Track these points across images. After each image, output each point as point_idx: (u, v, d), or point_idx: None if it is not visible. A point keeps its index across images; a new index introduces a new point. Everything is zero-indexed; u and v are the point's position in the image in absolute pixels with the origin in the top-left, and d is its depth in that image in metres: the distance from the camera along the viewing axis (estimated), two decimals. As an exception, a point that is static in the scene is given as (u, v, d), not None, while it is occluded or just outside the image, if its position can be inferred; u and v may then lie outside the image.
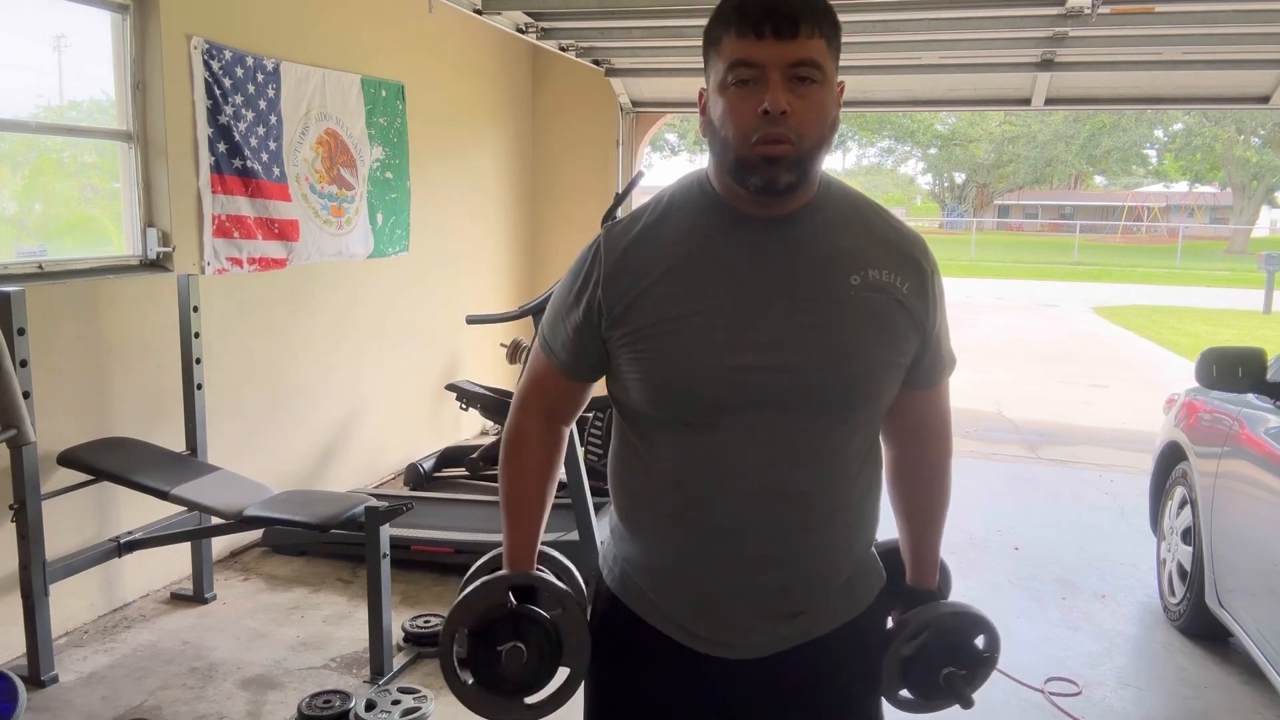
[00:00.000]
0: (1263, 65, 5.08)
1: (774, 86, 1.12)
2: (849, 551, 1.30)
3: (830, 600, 1.29)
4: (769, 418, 1.18)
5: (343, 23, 4.58)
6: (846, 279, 1.20)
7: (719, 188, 1.24)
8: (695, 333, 1.19)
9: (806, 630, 1.28)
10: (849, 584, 1.31)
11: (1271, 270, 15.88)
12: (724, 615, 1.26)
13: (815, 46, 1.13)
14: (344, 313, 4.73)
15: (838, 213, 1.25)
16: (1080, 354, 11.32)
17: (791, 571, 1.25)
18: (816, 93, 1.14)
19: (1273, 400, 3.03)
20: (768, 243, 1.21)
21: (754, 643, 1.27)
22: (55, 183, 3.76)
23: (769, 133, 1.12)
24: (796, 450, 1.20)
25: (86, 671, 3.07)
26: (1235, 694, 3.07)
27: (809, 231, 1.22)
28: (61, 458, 3.13)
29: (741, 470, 1.20)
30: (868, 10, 4.44)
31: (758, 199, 1.19)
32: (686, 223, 1.24)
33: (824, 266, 1.21)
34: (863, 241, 1.24)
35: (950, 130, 33.81)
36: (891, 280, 1.22)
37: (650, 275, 1.21)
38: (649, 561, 1.30)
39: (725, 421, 1.19)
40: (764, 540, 1.22)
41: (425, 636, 3.23)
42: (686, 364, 1.19)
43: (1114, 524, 4.79)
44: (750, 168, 1.15)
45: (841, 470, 1.24)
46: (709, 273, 1.20)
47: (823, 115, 1.16)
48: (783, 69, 1.12)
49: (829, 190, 1.26)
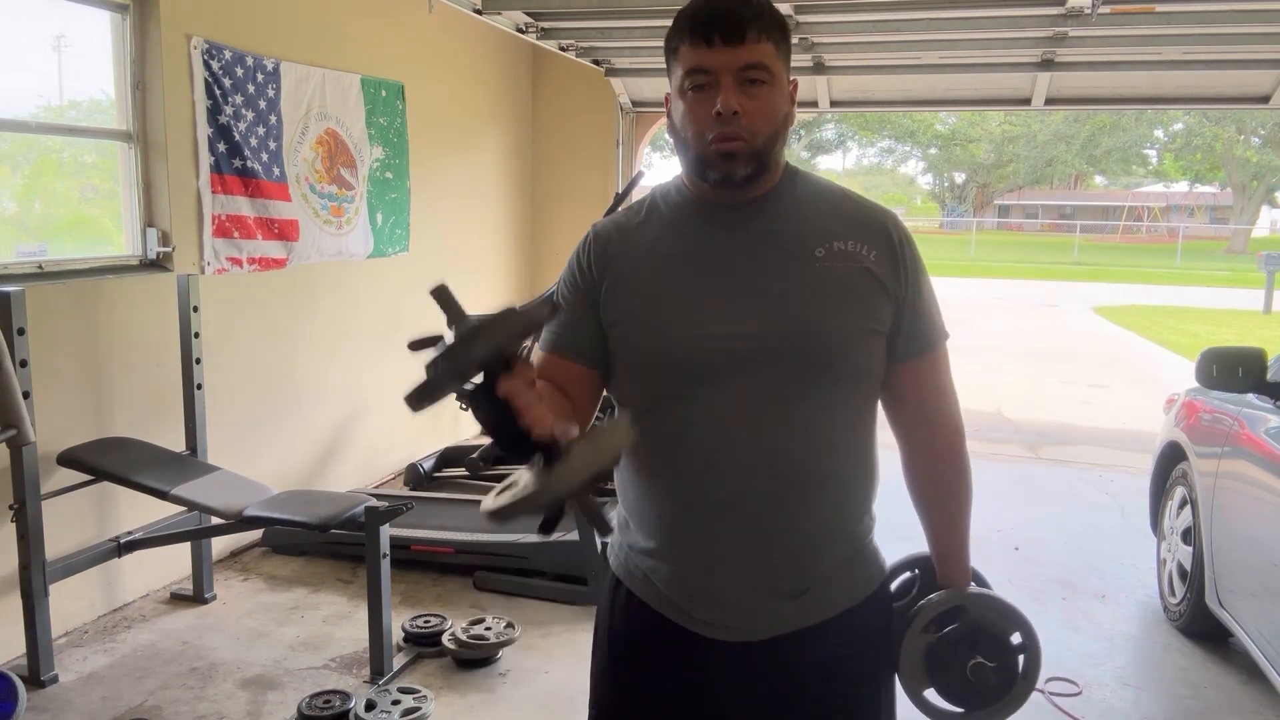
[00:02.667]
0: (1263, 65, 5.09)
1: (725, 89, 1.21)
2: (840, 527, 1.31)
3: (825, 580, 1.30)
4: (747, 385, 1.23)
5: (343, 23, 4.58)
6: (812, 251, 1.27)
7: (689, 185, 1.33)
8: (672, 308, 1.27)
9: (804, 612, 1.29)
10: (846, 566, 1.32)
11: (1271, 270, 15.87)
12: (719, 594, 1.28)
13: (763, 50, 1.22)
14: (344, 313, 4.73)
15: (803, 196, 1.33)
16: (1080, 354, 11.31)
17: (782, 545, 1.27)
18: (766, 93, 1.23)
19: (1273, 400, 3.02)
20: (737, 227, 1.29)
21: (753, 624, 1.28)
22: (55, 183, 3.76)
23: (723, 131, 1.22)
24: (777, 419, 1.24)
25: (86, 671, 3.07)
26: (1235, 694, 3.07)
27: (776, 214, 1.30)
28: (61, 458, 3.13)
29: (726, 442, 1.24)
30: (868, 10, 4.44)
31: (720, 191, 1.27)
32: (666, 216, 1.34)
33: (792, 243, 1.28)
34: (828, 218, 1.31)
35: (950, 130, 33.79)
36: (857, 249, 1.28)
37: (631, 259, 1.32)
38: (648, 543, 1.33)
39: (706, 393, 1.24)
40: (751, 512, 1.25)
41: (425, 636, 3.23)
42: (665, 336, 1.27)
43: (1114, 524, 4.78)
44: (709, 164, 1.24)
45: (827, 440, 1.27)
46: (684, 256, 1.30)
47: (772, 113, 1.25)
48: (733, 73, 1.21)
49: (794, 178, 1.34)
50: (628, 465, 1.34)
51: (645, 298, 1.29)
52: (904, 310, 1.31)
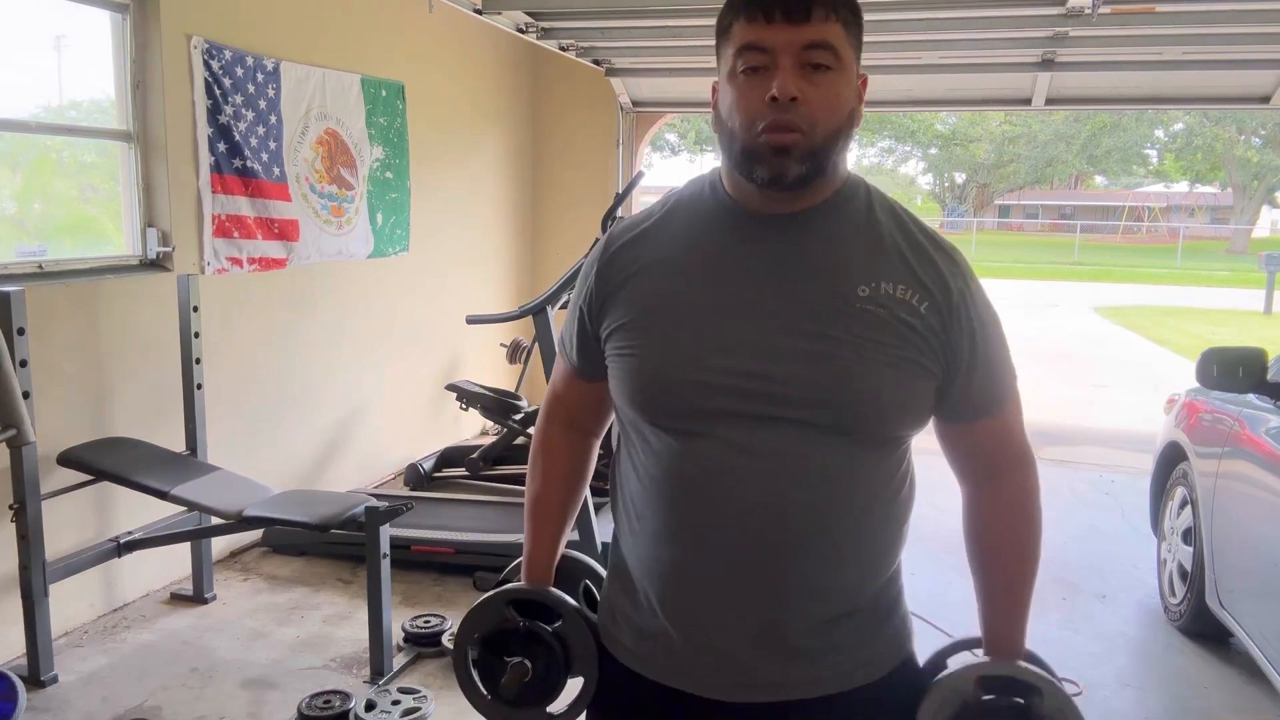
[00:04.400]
0: (1263, 65, 5.08)
1: (783, 71, 1.04)
2: (859, 592, 1.15)
3: (838, 648, 1.14)
4: (759, 430, 1.08)
5: (343, 23, 4.58)
6: (855, 288, 1.09)
7: (728, 185, 1.16)
8: (677, 324, 1.11)
9: (814, 681, 1.14)
10: (865, 635, 1.16)
11: (1272, 270, 15.87)
12: (717, 646, 1.14)
13: (830, 30, 1.05)
14: (344, 313, 4.73)
15: (860, 216, 1.14)
16: (1081, 354, 11.31)
17: (788, 603, 1.12)
18: (831, 80, 1.06)
19: (1273, 400, 3.02)
20: (773, 241, 1.11)
21: (753, 683, 1.14)
22: (55, 182, 3.76)
23: (777, 120, 1.04)
24: (794, 469, 1.08)
25: (86, 671, 3.07)
26: (1236, 694, 3.07)
27: (822, 233, 1.12)
28: (61, 458, 3.12)
29: (731, 489, 1.09)
30: (868, 10, 4.41)
31: (766, 193, 1.10)
32: (689, 219, 1.17)
33: (832, 272, 1.10)
34: (881, 251, 1.11)
35: (950, 130, 33.76)
36: (906, 297, 1.09)
37: (638, 265, 1.16)
38: (640, 585, 1.19)
39: (710, 429, 1.09)
40: (756, 565, 1.10)
41: (425, 637, 3.23)
42: (665, 356, 1.11)
43: (1114, 524, 4.78)
44: (757, 158, 1.06)
45: (847, 497, 1.11)
46: (702, 266, 1.13)
47: (837, 104, 1.07)
48: (794, 54, 1.04)
49: (855, 191, 1.15)
50: (624, 498, 1.22)
51: (647, 308, 1.13)
52: (961, 372, 1.13)
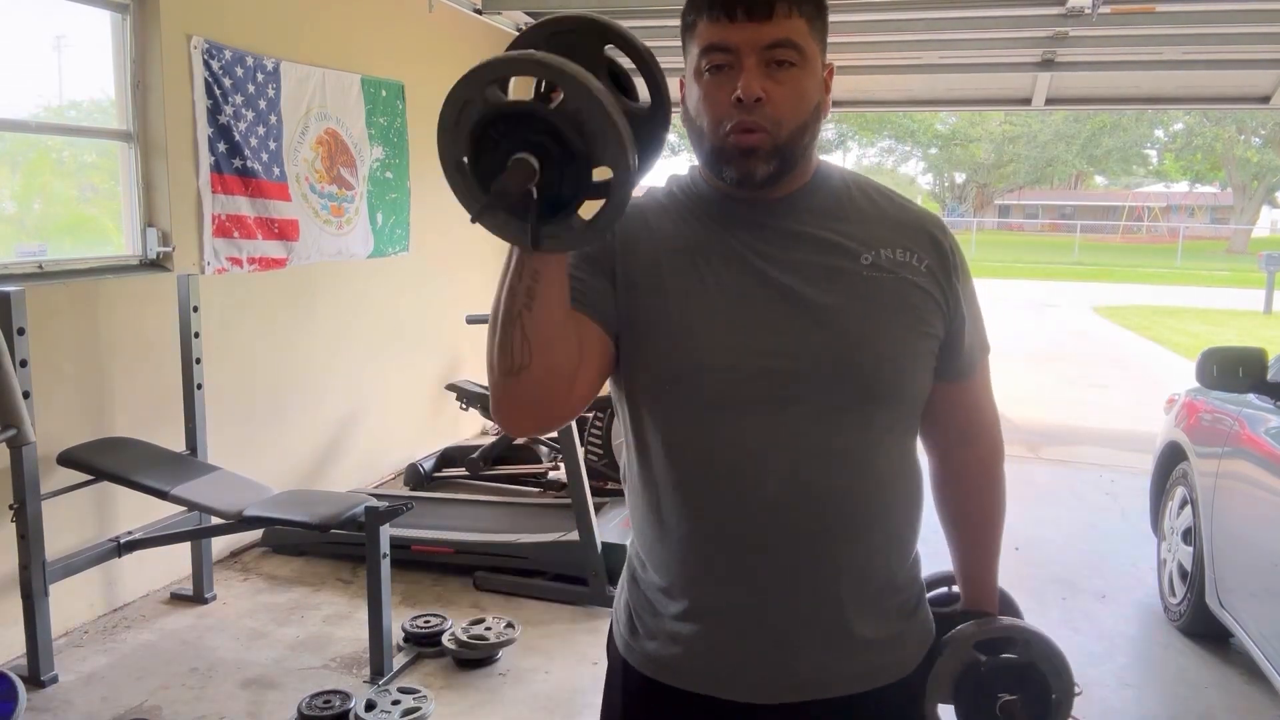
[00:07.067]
0: (1263, 65, 5.09)
1: (747, 71, 1.04)
2: (889, 570, 1.17)
3: (869, 640, 1.15)
4: (786, 410, 1.08)
5: (343, 23, 4.58)
6: (858, 259, 1.12)
7: (706, 179, 1.18)
8: (701, 317, 1.10)
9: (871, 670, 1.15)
10: (897, 623, 1.18)
11: (1272, 270, 15.86)
12: (750, 646, 1.12)
13: (793, 26, 1.05)
14: (344, 313, 4.73)
15: (841, 193, 1.17)
16: (1080, 354, 11.31)
17: (833, 590, 1.12)
18: (795, 77, 1.06)
19: (1273, 400, 3.02)
20: (770, 228, 1.13)
21: (795, 681, 1.13)
22: (55, 182, 3.76)
23: (742, 121, 1.05)
24: (820, 449, 1.09)
25: (86, 671, 3.07)
26: (1236, 694, 3.07)
27: (811, 214, 1.14)
28: (61, 458, 3.12)
29: (760, 475, 1.08)
30: (868, 10, 4.44)
31: (739, 190, 1.12)
32: (687, 207, 1.18)
33: (834, 248, 1.12)
34: (872, 221, 1.15)
35: (950, 130, 33.77)
36: (908, 258, 1.13)
37: (651, 247, 1.14)
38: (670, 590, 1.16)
39: (738, 418, 1.08)
40: (787, 554, 1.09)
41: (425, 636, 3.23)
42: (692, 349, 1.09)
43: (1114, 524, 4.78)
44: (725, 158, 1.08)
45: (873, 472, 1.12)
46: (710, 255, 1.13)
47: (802, 100, 1.08)
48: (758, 52, 1.04)
49: (830, 172, 1.19)
50: (644, 500, 1.18)
51: (670, 296, 1.11)
52: (955, 327, 1.17)
